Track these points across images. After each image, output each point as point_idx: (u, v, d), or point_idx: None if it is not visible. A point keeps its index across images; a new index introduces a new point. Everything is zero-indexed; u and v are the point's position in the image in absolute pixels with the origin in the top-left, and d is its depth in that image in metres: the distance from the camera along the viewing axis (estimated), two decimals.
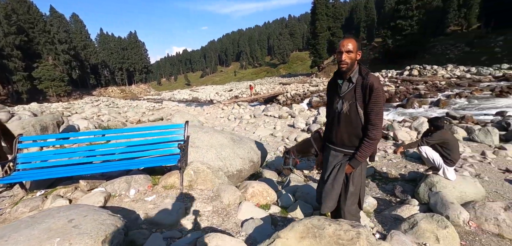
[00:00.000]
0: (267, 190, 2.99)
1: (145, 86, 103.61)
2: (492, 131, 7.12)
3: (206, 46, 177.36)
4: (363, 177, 2.15)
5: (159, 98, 64.99)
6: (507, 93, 15.38)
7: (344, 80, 1.99)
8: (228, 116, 15.83)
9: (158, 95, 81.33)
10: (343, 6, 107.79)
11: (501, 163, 5.48)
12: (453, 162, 3.73)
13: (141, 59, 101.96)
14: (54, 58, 61.22)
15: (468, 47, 37.12)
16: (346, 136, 2.01)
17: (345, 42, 1.88)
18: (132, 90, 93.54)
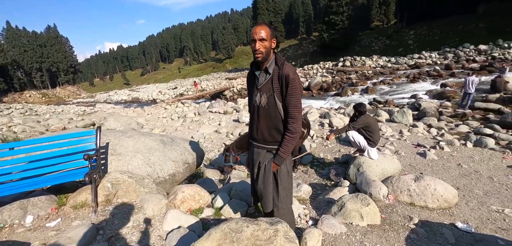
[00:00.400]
0: (199, 192, 2.79)
1: (74, 88, 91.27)
2: (407, 112, 8.20)
3: (145, 41, 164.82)
4: (290, 170, 2.07)
5: (92, 100, 58.00)
6: (418, 78, 18.11)
7: (261, 71, 1.87)
8: (171, 115, 14.91)
9: (91, 97, 72.46)
10: (283, 2, 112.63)
11: (413, 139, 6.33)
12: (375, 143, 4.11)
13: (66, 57, 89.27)
14: None
15: (388, 40, 42.60)
16: (267, 131, 1.90)
17: (258, 29, 1.73)
18: (58, 94, 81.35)
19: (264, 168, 1.94)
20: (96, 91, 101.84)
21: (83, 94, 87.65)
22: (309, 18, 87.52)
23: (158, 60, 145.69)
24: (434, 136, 6.50)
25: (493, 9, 31.43)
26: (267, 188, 1.96)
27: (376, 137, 4.10)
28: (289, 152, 1.89)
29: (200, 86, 44.40)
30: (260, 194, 2.02)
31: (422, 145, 5.76)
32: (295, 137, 1.85)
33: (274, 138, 1.90)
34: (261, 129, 1.92)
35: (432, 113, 9.27)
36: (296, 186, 3.52)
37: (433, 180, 3.24)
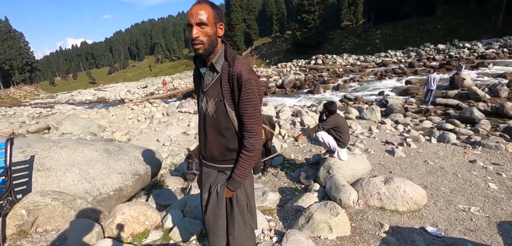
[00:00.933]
0: (145, 212, 2.36)
1: (31, 87, 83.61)
2: (375, 109, 8.32)
3: (112, 37, 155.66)
4: (251, 192, 1.59)
5: (52, 101, 53.51)
6: (385, 76, 18.86)
7: (207, 69, 1.41)
8: (138, 116, 13.99)
9: (51, 98, 66.78)
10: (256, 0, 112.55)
11: (382, 136, 6.36)
12: (344, 144, 3.94)
13: (20, 54, 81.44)
14: None
15: (357, 39, 44.26)
16: (216, 148, 1.45)
17: (195, 10, 1.24)
18: (12, 94, 73.89)
19: (216, 195, 1.46)
20: (57, 91, 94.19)
21: (42, 94, 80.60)
22: (282, 16, 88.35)
23: (127, 57, 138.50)
24: (401, 133, 6.60)
25: (449, 11, 33.93)
26: (217, 222, 1.49)
27: (346, 137, 3.94)
28: (246, 174, 1.43)
29: (171, 85, 42.84)
30: (208, 228, 1.54)
31: (390, 142, 5.78)
32: (253, 156, 1.40)
33: (224, 157, 1.46)
34: (209, 145, 1.47)
35: (398, 110, 9.54)
36: (261, 195, 3.22)
37: (403, 181, 3.11)
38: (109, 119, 15.54)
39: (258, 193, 3.18)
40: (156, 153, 3.75)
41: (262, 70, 37.11)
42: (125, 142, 8.52)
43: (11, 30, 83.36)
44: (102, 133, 10.38)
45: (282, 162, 5.39)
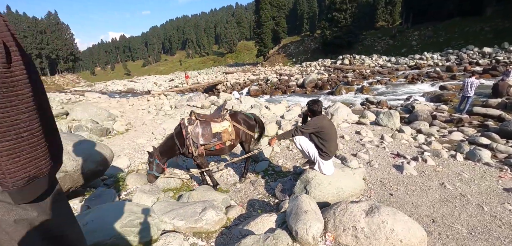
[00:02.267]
0: None
1: (73, 76, 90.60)
2: (394, 114, 7.16)
3: (148, 32, 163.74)
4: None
5: (89, 89, 57.44)
6: (417, 80, 16.96)
7: None
8: (149, 108, 14.01)
9: (89, 86, 71.87)
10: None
11: (395, 147, 5.30)
12: (328, 155, 3.09)
13: (66, 44, 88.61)
14: None
15: (391, 40, 41.19)
16: None
17: None
18: (56, 82, 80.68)
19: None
20: (96, 80, 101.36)
21: (82, 82, 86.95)
22: (313, 15, 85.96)
23: (160, 51, 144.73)
24: (420, 144, 5.47)
25: (501, 11, 29.95)
26: None
27: (330, 147, 3.08)
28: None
29: (196, 79, 43.54)
30: None
31: (402, 155, 4.73)
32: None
33: None
34: None
35: (424, 117, 8.20)
36: (199, 212, 2.52)
37: (392, 214, 2.23)
38: (123, 109, 15.79)
39: (195, 209, 2.50)
40: (99, 147, 3.24)
41: (286, 68, 36.08)
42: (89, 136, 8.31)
43: (59, 23, 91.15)
44: (106, 121, 10.37)
45: (266, 168, 4.64)
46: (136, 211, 2.06)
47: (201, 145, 3.64)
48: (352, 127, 7.12)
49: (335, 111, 8.73)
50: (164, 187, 3.98)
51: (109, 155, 3.47)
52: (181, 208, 2.47)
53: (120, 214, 1.99)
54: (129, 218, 1.96)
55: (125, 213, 2.00)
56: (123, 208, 2.04)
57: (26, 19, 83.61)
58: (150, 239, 1.95)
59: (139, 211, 2.07)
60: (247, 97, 11.15)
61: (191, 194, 3.34)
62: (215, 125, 3.74)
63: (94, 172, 3.17)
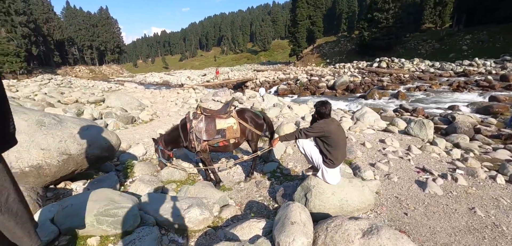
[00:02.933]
0: None
1: (117, 67, 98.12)
2: (427, 124, 6.44)
3: (186, 28, 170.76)
4: None
5: (130, 80, 61.81)
6: (463, 88, 15.24)
7: None
8: (177, 100, 14.52)
9: (131, 77, 77.38)
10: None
11: (422, 161, 4.73)
12: (333, 163, 2.80)
13: (113, 37, 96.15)
14: (10, 31, 55.61)
15: (438, 44, 37.71)
16: None
17: None
18: (103, 71, 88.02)
19: None
20: (137, 72, 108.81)
21: (125, 73, 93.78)
22: (352, 15, 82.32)
23: (196, 47, 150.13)
24: (453, 160, 4.81)
25: None
26: None
27: (336, 154, 2.79)
28: None
29: (227, 75, 44.35)
30: None
31: (428, 170, 4.20)
32: None
33: None
34: None
35: (465, 130, 7.28)
36: (184, 208, 2.43)
37: (395, 238, 1.91)
38: (155, 99, 16.59)
39: (181, 205, 2.41)
40: (106, 134, 3.33)
41: (318, 68, 35.04)
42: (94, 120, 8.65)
43: (108, 17, 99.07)
44: (135, 110, 10.92)
45: (274, 170, 4.44)
46: (118, 201, 2.04)
47: (204, 141, 3.57)
48: (377, 134, 6.57)
49: (361, 116, 8.16)
50: (167, 179, 4.00)
51: (115, 142, 3.56)
52: (168, 203, 2.41)
53: (99, 201, 1.97)
54: (106, 207, 1.94)
55: (104, 202, 1.98)
56: (104, 196, 2.03)
57: (82, 14, 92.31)
58: (123, 230, 1.91)
59: (121, 200, 2.05)
60: (270, 96, 10.95)
61: (188, 189, 3.29)
62: (220, 121, 3.64)
63: (98, 157, 3.27)
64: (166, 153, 3.72)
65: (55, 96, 15.67)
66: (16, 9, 58.63)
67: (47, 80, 34.57)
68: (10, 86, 23.57)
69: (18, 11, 58.88)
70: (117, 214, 1.92)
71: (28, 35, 61.47)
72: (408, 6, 52.99)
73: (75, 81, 39.80)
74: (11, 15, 56.32)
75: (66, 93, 18.47)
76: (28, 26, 61.59)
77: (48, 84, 28.37)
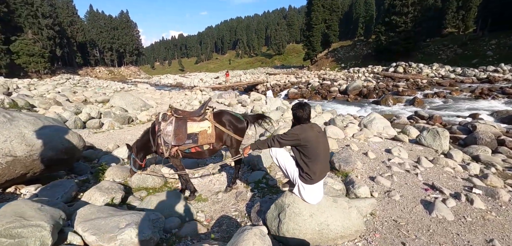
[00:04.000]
0: None
1: (135, 68, 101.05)
2: (441, 133, 5.73)
3: (203, 32, 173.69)
4: None
5: (146, 81, 63.26)
6: (487, 95, 14.06)
7: None
8: (182, 101, 14.37)
9: (147, 78, 79.35)
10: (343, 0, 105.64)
11: (432, 176, 4.10)
12: (310, 178, 2.30)
13: (132, 40, 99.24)
14: (37, 33, 58.59)
15: (460, 49, 35.74)
16: None
17: None
18: (121, 72, 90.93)
19: None
20: (155, 73, 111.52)
21: (142, 75, 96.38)
22: (370, 19, 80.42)
23: (212, 50, 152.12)
24: (470, 176, 4.14)
25: None
26: None
27: (315, 167, 2.29)
28: None
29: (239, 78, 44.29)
30: None
31: (438, 188, 3.58)
32: None
33: None
34: None
35: (486, 141, 6.47)
36: (122, 226, 2.02)
37: None
38: (162, 100, 16.57)
39: (119, 223, 2.01)
40: (66, 133, 3.00)
41: (331, 73, 34.15)
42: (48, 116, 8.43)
43: (128, 21, 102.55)
44: (136, 110, 10.80)
45: (259, 179, 3.97)
46: (29, 217, 1.67)
47: (173, 146, 3.18)
48: (384, 143, 5.94)
49: (369, 123, 7.51)
50: (138, 186, 3.64)
51: (78, 143, 3.25)
52: (106, 218, 2.03)
53: (3, 217, 1.62)
54: (8, 225, 1.58)
55: (9, 218, 1.62)
56: (12, 210, 1.68)
57: (104, 17, 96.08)
58: None
59: (34, 217, 1.68)
60: (273, 99, 10.48)
61: (151, 200, 2.90)
62: (192, 124, 3.24)
63: (54, 160, 2.96)
64: (137, 162, 3.39)
65: (67, 95, 16.00)
66: (43, 12, 61.82)
67: (65, 80, 35.85)
68: (30, 85, 24.56)
69: (45, 14, 62.07)
70: (21, 234, 1.56)
71: (53, 37, 64.56)
72: (429, 9, 50.93)
73: (92, 81, 41.05)
74: (38, 18, 59.41)
75: (79, 92, 18.89)
76: (53, 29, 64.71)
77: (65, 83, 29.34)
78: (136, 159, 3.40)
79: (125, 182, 3.72)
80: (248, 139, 5.85)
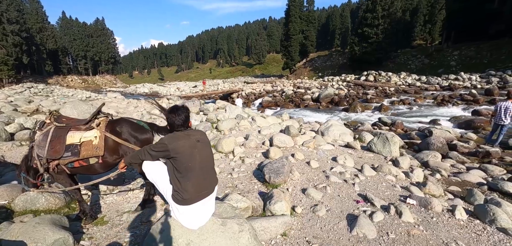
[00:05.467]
0: None
1: (111, 77, 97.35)
2: (391, 140, 5.55)
3: (184, 41, 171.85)
4: None
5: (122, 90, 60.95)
6: (447, 102, 14.54)
7: None
8: (144, 110, 13.61)
9: (124, 87, 76.60)
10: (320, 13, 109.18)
11: (371, 185, 3.81)
12: (182, 198, 1.84)
13: (108, 48, 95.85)
14: (1, 39, 54.91)
15: (427, 59, 37.64)
16: None
17: None
18: (96, 81, 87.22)
19: None
20: (133, 82, 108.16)
21: (119, 84, 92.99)
22: (346, 30, 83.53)
23: (193, 59, 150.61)
24: (411, 184, 3.89)
25: None
26: None
27: (187, 185, 1.84)
28: None
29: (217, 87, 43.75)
30: None
31: (370, 199, 3.27)
32: None
33: None
34: None
35: (438, 146, 6.40)
36: None
37: None
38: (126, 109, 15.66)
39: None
40: None
41: (307, 81, 34.54)
42: None
43: (104, 28, 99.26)
44: None
45: None
46: None
47: (52, 160, 2.62)
48: (334, 151, 5.67)
49: (326, 130, 7.28)
50: (23, 208, 3.02)
51: None
52: None
53: None
54: None
55: None
56: None
57: (77, 24, 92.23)
58: None
59: None
60: (233, 106, 10.08)
61: (11, 229, 2.32)
62: (74, 134, 2.68)
63: None
64: (30, 181, 2.80)
65: (19, 104, 14.75)
66: (9, 18, 58.20)
67: (26, 89, 33.48)
68: None
69: (10, 20, 58.45)
70: None
71: (19, 44, 60.74)
72: (398, 22, 53.58)
73: (59, 90, 38.80)
74: (2, 24, 55.75)
75: (36, 101, 17.51)
76: (20, 35, 60.97)
77: (23, 92, 27.35)
78: (27, 177, 2.82)
79: (7, 205, 3.09)
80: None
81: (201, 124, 7.68)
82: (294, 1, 59.56)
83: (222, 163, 4.85)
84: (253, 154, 5.16)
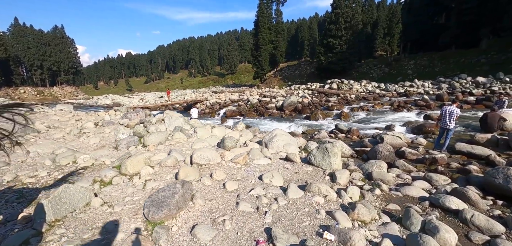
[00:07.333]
0: None
1: (72, 88, 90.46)
2: (330, 151, 4.89)
3: (154, 50, 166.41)
4: None
5: (81, 102, 56.49)
6: (403, 107, 14.76)
7: None
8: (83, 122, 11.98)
9: (86, 99, 71.30)
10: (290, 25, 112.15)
11: (288, 213, 3.00)
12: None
13: (68, 57, 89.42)
14: None
15: (387, 68, 39.56)
16: None
17: None
18: (54, 93, 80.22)
19: None
20: (98, 94, 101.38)
21: (80, 95, 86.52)
22: (314, 42, 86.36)
23: (163, 69, 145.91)
24: (336, 209, 3.16)
25: (496, 45, 28.19)
26: None
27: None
28: None
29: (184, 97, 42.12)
30: None
31: (273, 239, 2.44)
32: None
33: None
34: None
35: (385, 155, 5.92)
36: None
37: None
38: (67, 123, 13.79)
39: None
40: None
41: (274, 90, 34.33)
42: None
43: (64, 36, 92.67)
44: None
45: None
46: None
47: None
48: (269, 165, 4.87)
49: (270, 141, 6.51)
50: None
51: None
52: None
53: None
54: None
55: None
56: None
57: (32, 31, 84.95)
58: None
59: None
60: (173, 117, 9.01)
61: None
62: None
63: None
64: None
65: None
66: None
67: None
68: None
69: None
70: None
71: None
72: (361, 34, 56.35)
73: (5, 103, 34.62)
74: None
75: None
76: None
77: None
78: None
79: None
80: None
81: (125, 139, 6.53)
82: (263, 12, 60.32)
83: (117, 190, 3.78)
84: (165, 176, 4.16)
